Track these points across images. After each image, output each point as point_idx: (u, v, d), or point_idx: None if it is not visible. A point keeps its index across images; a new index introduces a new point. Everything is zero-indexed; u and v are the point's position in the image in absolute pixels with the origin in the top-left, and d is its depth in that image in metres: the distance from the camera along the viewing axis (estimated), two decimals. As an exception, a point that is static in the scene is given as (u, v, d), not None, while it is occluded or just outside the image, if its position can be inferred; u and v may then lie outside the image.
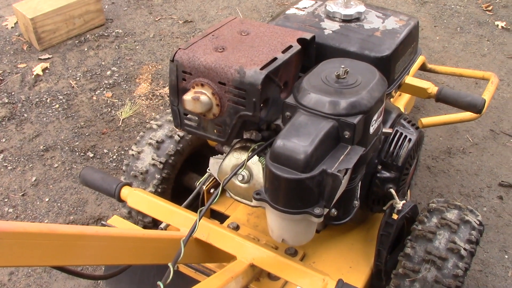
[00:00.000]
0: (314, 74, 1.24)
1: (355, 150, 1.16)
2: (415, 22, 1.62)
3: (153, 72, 3.16)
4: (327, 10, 1.59)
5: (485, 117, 2.76)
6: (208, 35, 1.34)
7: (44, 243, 1.05)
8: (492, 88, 2.22)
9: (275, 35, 1.34)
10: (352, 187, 1.29)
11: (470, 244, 1.39)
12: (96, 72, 3.14)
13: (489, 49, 3.36)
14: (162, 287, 0.95)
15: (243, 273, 1.27)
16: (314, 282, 1.22)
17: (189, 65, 1.25)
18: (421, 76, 2.78)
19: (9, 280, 1.94)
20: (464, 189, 2.33)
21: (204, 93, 1.25)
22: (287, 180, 1.06)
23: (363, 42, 1.47)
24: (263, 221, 1.72)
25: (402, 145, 1.45)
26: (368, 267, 1.57)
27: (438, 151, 2.55)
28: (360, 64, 1.28)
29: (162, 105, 2.88)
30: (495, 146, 2.58)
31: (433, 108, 2.83)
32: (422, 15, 3.75)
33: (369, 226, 1.72)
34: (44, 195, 2.31)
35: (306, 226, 1.19)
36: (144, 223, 1.76)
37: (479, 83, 3.03)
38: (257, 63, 1.21)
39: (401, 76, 1.59)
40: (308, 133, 1.09)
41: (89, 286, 1.91)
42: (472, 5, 3.89)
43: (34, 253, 1.05)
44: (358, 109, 1.14)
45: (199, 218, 1.14)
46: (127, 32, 3.55)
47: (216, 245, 1.33)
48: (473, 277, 1.95)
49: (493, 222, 2.17)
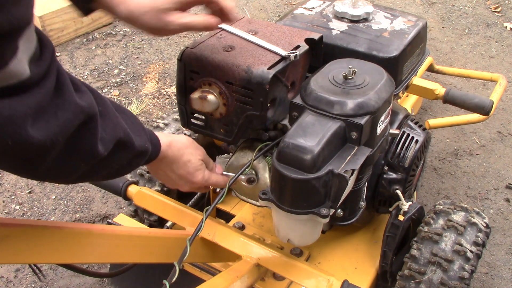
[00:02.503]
0: (321, 74, 1.24)
1: (362, 151, 1.15)
2: (423, 23, 1.62)
3: (160, 71, 3.17)
4: (335, 10, 1.59)
5: (493, 119, 2.75)
6: (216, 34, 1.34)
7: (50, 240, 1.05)
8: (500, 90, 2.21)
9: (283, 35, 1.34)
10: (359, 188, 1.28)
11: (477, 246, 1.39)
12: (104, 71, 3.15)
13: (497, 51, 3.34)
14: (168, 286, 0.95)
15: (248, 272, 1.27)
16: (320, 282, 1.22)
17: (196, 64, 1.25)
18: (429, 77, 2.77)
19: (15, 277, 1.95)
20: (471, 191, 2.32)
21: (211, 93, 1.25)
22: (294, 180, 1.06)
23: (371, 42, 1.47)
24: (269, 221, 1.72)
25: (409, 146, 1.45)
26: (374, 268, 1.56)
27: (445, 153, 2.54)
28: (367, 65, 1.27)
29: (169, 104, 2.88)
30: (503, 148, 2.57)
31: (441, 109, 2.82)
32: (430, 16, 3.74)
33: (375, 227, 1.72)
34: (51, 192, 2.32)
35: (312, 227, 1.19)
36: (150, 221, 1.76)
37: (487, 84, 3.01)
38: (264, 62, 1.21)
39: (408, 77, 1.59)
40: (315, 133, 1.09)
41: (94, 283, 1.92)
42: (480, 6, 3.87)
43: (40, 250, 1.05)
44: (365, 110, 1.14)
45: (205, 217, 1.14)
46: (134, 31, 3.56)
47: (221, 244, 1.33)
48: (479, 279, 1.94)
49: (500, 225, 2.16)
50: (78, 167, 0.83)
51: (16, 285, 1.92)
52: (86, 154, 0.82)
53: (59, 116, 0.73)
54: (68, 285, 1.92)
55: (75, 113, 0.75)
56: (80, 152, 0.81)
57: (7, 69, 0.65)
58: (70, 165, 0.81)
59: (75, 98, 0.76)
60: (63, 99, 0.74)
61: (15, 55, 0.65)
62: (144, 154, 0.99)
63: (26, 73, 0.68)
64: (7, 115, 0.65)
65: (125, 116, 0.96)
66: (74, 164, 0.82)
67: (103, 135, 0.83)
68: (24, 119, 0.67)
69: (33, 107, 0.69)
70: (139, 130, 0.99)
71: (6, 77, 0.66)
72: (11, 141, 0.66)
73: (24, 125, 0.67)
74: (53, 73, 0.73)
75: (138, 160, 0.99)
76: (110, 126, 0.86)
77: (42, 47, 0.73)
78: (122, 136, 0.89)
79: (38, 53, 0.72)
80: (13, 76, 0.67)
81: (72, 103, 0.75)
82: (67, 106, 0.74)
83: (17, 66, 0.66)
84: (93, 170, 0.87)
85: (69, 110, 0.74)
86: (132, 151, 0.93)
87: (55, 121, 0.72)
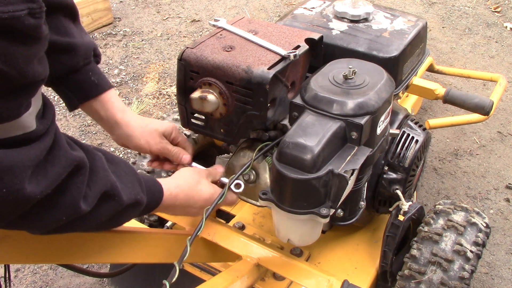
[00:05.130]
0: (321, 74, 1.24)
1: (362, 151, 1.15)
2: (423, 23, 1.62)
3: (160, 71, 3.17)
4: (335, 10, 1.59)
5: (493, 119, 2.75)
6: (216, 34, 1.34)
7: (50, 241, 1.05)
8: (500, 90, 2.21)
9: (283, 35, 1.34)
10: (359, 188, 1.28)
11: (477, 246, 1.39)
12: (104, 71, 3.15)
13: (497, 51, 3.34)
14: (168, 286, 0.95)
15: (248, 272, 1.27)
16: (320, 282, 1.22)
17: (196, 64, 1.25)
18: (429, 77, 2.77)
19: (15, 277, 1.95)
20: (471, 191, 2.32)
21: (211, 92, 1.25)
22: (294, 180, 1.06)
23: (371, 42, 1.47)
24: (269, 221, 1.72)
25: (409, 146, 1.45)
26: (374, 268, 1.56)
27: (445, 153, 2.54)
28: (367, 65, 1.27)
29: (169, 104, 2.88)
30: (503, 148, 2.57)
31: (441, 109, 2.82)
32: (430, 16, 3.74)
33: (375, 227, 1.71)
34: (51, 192, 2.32)
35: (312, 227, 1.19)
36: (150, 221, 1.76)
37: (487, 84, 3.01)
38: (264, 62, 1.21)
39: (409, 77, 1.59)
40: (315, 133, 1.09)
41: (94, 283, 1.92)
42: (480, 6, 3.87)
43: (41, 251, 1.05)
44: (365, 110, 1.14)
45: (205, 217, 1.14)
46: (134, 31, 3.56)
47: (221, 244, 1.33)
48: (479, 279, 1.94)
49: (500, 225, 2.16)
50: (59, 220, 0.83)
51: (16, 285, 1.92)
52: (68, 209, 0.82)
53: (52, 170, 0.77)
54: (68, 285, 1.92)
55: (65, 167, 0.79)
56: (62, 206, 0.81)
57: (18, 120, 0.70)
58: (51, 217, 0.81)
59: (68, 152, 0.80)
60: (59, 154, 0.78)
61: (28, 108, 0.71)
62: (136, 205, 0.98)
63: (33, 127, 0.73)
64: (8, 165, 0.69)
65: (118, 168, 0.95)
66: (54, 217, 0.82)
67: (87, 192, 0.84)
68: (23, 171, 0.71)
69: (32, 160, 0.72)
70: (132, 181, 0.97)
71: (15, 128, 0.71)
72: (6, 190, 0.69)
73: (22, 177, 0.71)
74: (52, 132, 0.78)
75: (130, 211, 0.97)
76: (95, 181, 0.86)
77: (45, 108, 0.79)
78: (108, 189, 0.89)
79: (42, 112, 0.78)
80: (20, 127, 0.72)
81: (64, 157, 0.79)
82: (61, 160, 0.78)
83: (27, 119, 0.72)
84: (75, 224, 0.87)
85: (61, 164, 0.78)
86: (120, 203, 0.92)
87: (49, 175, 0.76)
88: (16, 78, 0.66)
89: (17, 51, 0.64)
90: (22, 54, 0.65)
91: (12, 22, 0.60)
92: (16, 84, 0.67)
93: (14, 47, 0.63)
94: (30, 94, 0.71)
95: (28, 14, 0.62)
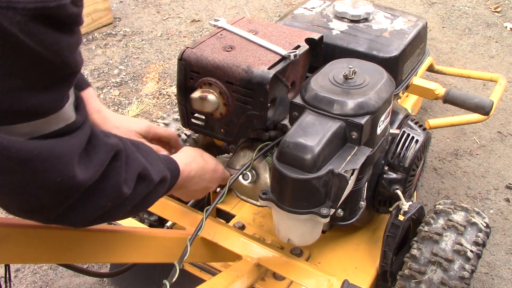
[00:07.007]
0: (321, 74, 1.24)
1: (362, 151, 1.16)
2: (423, 23, 1.62)
3: (160, 71, 3.17)
4: (335, 10, 1.59)
5: (493, 119, 2.75)
6: (216, 34, 1.34)
7: (50, 241, 1.05)
8: (500, 90, 2.21)
9: (283, 35, 1.34)
10: (359, 187, 1.28)
11: (477, 246, 1.39)
12: (104, 71, 3.15)
13: (497, 51, 3.34)
14: (168, 286, 0.96)
15: (248, 272, 1.27)
16: (320, 282, 1.22)
17: (196, 64, 1.25)
18: (429, 77, 2.77)
19: (15, 276, 1.95)
20: (471, 191, 2.32)
21: (211, 92, 1.25)
22: (294, 180, 1.06)
23: (371, 42, 1.47)
24: (269, 220, 1.72)
25: (409, 146, 1.45)
26: (374, 268, 1.56)
27: (445, 153, 2.54)
28: (368, 65, 1.27)
29: (169, 104, 2.88)
30: (503, 148, 2.57)
31: (440, 109, 2.82)
32: (430, 16, 3.74)
33: (375, 227, 1.72)
34: (51, 192, 2.32)
35: (312, 226, 1.19)
36: (150, 221, 1.76)
37: (487, 84, 3.01)
38: (264, 62, 1.21)
39: (409, 77, 1.59)
40: (315, 133, 1.09)
41: (94, 283, 1.92)
42: (480, 6, 3.87)
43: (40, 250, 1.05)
44: (365, 110, 1.14)
45: (205, 217, 1.14)
46: (134, 31, 3.56)
47: (221, 244, 1.33)
48: (479, 279, 1.94)
49: (500, 225, 2.16)
50: (104, 207, 0.84)
51: (16, 285, 1.92)
52: (113, 194, 0.84)
53: (97, 157, 0.79)
54: (68, 285, 1.92)
55: (107, 152, 0.82)
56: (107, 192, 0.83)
57: (61, 111, 0.71)
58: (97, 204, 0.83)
59: (105, 139, 0.83)
60: (98, 141, 0.80)
61: (68, 99, 0.72)
62: (163, 182, 1.01)
63: (73, 118, 0.74)
64: (59, 154, 0.70)
65: (140, 149, 0.98)
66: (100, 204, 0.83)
67: (126, 176, 0.87)
68: (73, 158, 0.73)
69: (78, 148, 0.74)
70: (155, 159, 1.01)
71: (58, 120, 0.72)
72: (60, 179, 0.71)
73: (73, 165, 0.72)
74: (88, 121, 0.80)
75: (160, 189, 1.01)
76: (130, 165, 0.89)
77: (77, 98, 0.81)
78: (142, 171, 0.92)
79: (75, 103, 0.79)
80: (63, 119, 0.72)
81: (103, 144, 0.81)
82: (101, 147, 0.80)
83: (68, 110, 0.73)
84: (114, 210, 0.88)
85: (102, 151, 0.80)
86: (152, 182, 0.95)
87: (94, 161, 0.78)
88: (60, 68, 0.66)
89: (63, 40, 0.64)
90: (67, 42, 0.65)
91: (58, 10, 0.61)
92: (61, 74, 0.67)
93: (61, 36, 0.63)
94: (71, 84, 0.72)
95: (71, 3, 0.63)
